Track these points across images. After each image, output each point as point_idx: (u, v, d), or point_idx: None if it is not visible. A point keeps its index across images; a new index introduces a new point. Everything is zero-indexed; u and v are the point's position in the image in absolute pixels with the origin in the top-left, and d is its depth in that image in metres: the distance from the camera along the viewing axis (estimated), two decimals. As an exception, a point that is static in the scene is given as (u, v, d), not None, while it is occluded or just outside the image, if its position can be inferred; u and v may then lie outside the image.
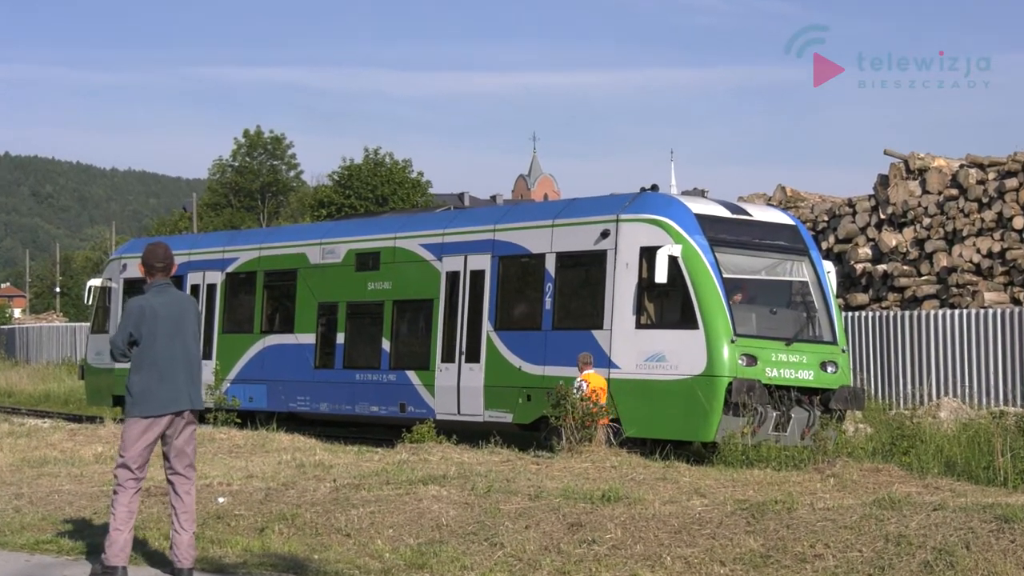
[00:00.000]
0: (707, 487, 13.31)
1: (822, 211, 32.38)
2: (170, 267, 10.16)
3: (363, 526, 11.86)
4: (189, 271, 28.60)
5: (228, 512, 12.56)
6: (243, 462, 16.65)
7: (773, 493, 12.47)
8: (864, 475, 13.81)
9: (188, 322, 10.07)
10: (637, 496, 12.42)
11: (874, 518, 10.88)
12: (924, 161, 30.61)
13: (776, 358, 19.48)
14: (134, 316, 9.91)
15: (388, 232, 25.03)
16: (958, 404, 24.03)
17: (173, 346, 9.93)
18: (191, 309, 10.17)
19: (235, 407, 25.04)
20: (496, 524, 11.60)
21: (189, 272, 28.61)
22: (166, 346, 9.89)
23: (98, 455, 17.76)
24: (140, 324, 9.88)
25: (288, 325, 26.71)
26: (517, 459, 16.63)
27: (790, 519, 11.11)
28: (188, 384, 9.98)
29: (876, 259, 30.71)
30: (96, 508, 13.08)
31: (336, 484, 13.85)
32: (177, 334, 9.96)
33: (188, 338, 10.03)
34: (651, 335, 20.01)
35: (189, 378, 9.99)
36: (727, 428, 18.57)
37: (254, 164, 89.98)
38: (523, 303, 22.44)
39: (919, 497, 11.92)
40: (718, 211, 20.72)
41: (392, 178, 75.25)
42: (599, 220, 21.05)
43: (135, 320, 9.90)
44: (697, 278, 19.50)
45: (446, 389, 22.95)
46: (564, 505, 12.12)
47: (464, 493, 12.92)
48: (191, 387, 10.00)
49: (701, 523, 11.29)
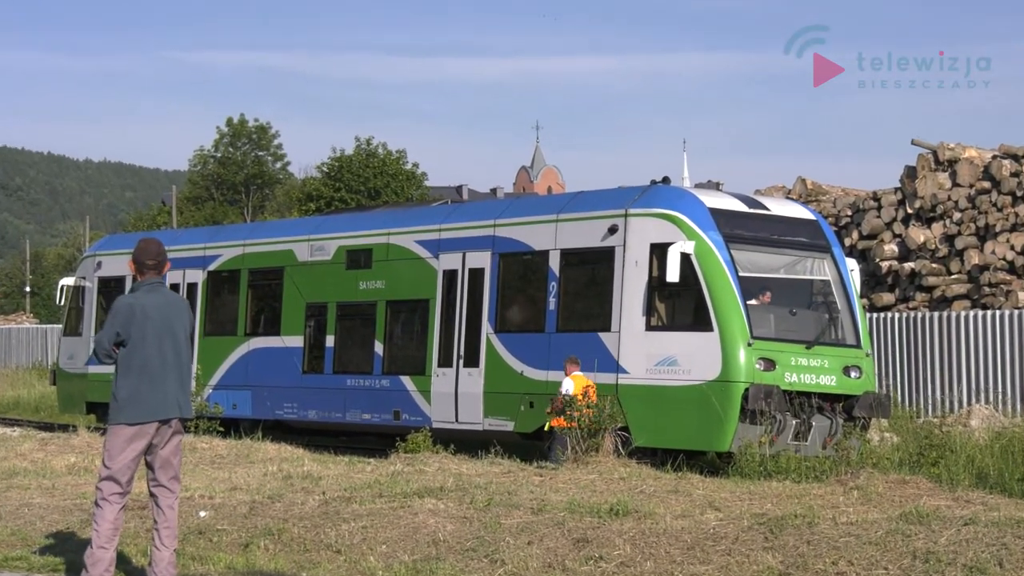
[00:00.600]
0: (722, 500, 13.33)
1: (845, 205, 32.39)
2: (162, 265, 10.18)
3: (354, 542, 11.88)
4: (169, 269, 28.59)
5: (210, 527, 12.58)
6: (226, 473, 16.67)
7: (793, 507, 12.49)
8: (890, 487, 13.82)
9: (181, 324, 10.07)
10: (647, 510, 12.44)
11: (901, 533, 10.89)
12: (954, 151, 30.61)
13: (796, 362, 19.49)
14: (122, 315, 9.90)
15: (381, 228, 25.06)
16: (990, 411, 24.05)
17: (164, 349, 9.92)
18: (184, 311, 10.19)
19: (218, 414, 25.03)
20: (496, 540, 11.61)
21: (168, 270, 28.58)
22: (156, 349, 9.89)
23: (71, 466, 17.78)
24: (129, 324, 9.87)
25: (274, 327, 26.74)
26: (519, 470, 16.65)
27: (811, 534, 11.13)
28: (178, 390, 9.99)
29: (903, 256, 30.73)
30: (69, 523, 13.10)
31: (325, 497, 13.87)
32: (168, 336, 9.96)
33: (180, 341, 10.04)
34: (662, 338, 20.03)
35: (179, 384, 10.01)
36: (743, 437, 18.59)
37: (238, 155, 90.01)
38: (525, 303, 22.46)
39: (949, 511, 11.93)
40: (734, 205, 20.73)
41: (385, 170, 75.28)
42: (607, 215, 21.06)
43: (123, 319, 9.89)
44: (711, 277, 19.51)
45: (443, 395, 22.97)
46: (569, 519, 12.13)
47: (462, 507, 12.94)
48: (181, 394, 10.02)
49: (716, 539, 11.30)
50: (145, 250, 10.12)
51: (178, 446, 10.07)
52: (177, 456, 10.06)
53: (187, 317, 10.18)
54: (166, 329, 9.96)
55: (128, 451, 9.84)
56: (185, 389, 10.09)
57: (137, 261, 10.11)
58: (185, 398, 10.08)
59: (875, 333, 27.30)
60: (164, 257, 10.21)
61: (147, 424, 9.84)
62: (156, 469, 9.98)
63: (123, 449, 9.84)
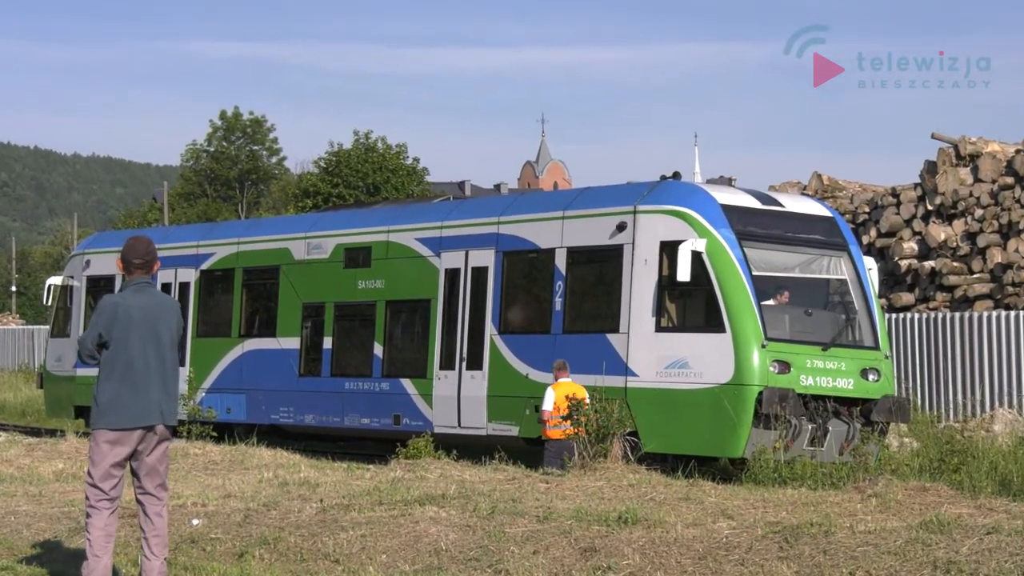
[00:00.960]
0: (735, 508, 13.33)
1: (863, 201, 32.38)
2: (151, 264, 10.17)
3: (353, 551, 11.88)
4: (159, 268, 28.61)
5: (203, 535, 12.58)
6: (220, 480, 16.68)
7: (808, 515, 12.49)
8: (910, 495, 13.82)
9: (167, 327, 10.05)
10: (657, 518, 12.44)
11: (921, 543, 10.89)
12: (976, 146, 30.59)
13: (812, 365, 19.49)
14: (106, 315, 9.90)
15: (380, 225, 25.07)
16: (1014, 416, 24.02)
17: (148, 353, 9.91)
18: (172, 313, 10.17)
19: (211, 419, 25.07)
20: (501, 549, 11.61)
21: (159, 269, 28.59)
22: (140, 352, 9.88)
23: (59, 472, 17.79)
24: (112, 325, 9.86)
25: (270, 328, 26.75)
26: (524, 477, 16.65)
27: (827, 544, 11.12)
28: (162, 397, 9.96)
29: (923, 255, 30.71)
30: (57, 531, 13.11)
31: (323, 505, 13.87)
32: (154, 340, 9.95)
33: (165, 345, 10.02)
34: (672, 339, 20.02)
35: (164, 390, 9.97)
36: (757, 442, 18.58)
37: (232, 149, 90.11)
38: (530, 304, 22.47)
39: (971, 519, 11.93)
40: (747, 201, 20.73)
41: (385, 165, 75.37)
42: (615, 211, 21.06)
43: (107, 320, 9.88)
44: (724, 276, 19.51)
45: (445, 399, 22.98)
46: (576, 528, 12.13)
47: (465, 515, 12.94)
48: (165, 400, 9.99)
49: (728, 548, 11.29)
50: (133, 248, 10.12)
51: (165, 453, 10.05)
52: (164, 463, 10.04)
53: (175, 319, 10.15)
54: (151, 332, 9.94)
55: (110, 457, 9.83)
56: (170, 394, 10.05)
57: (125, 260, 10.12)
58: (170, 404, 10.04)
59: (894, 334, 27.29)
60: (153, 256, 10.20)
61: (129, 431, 9.83)
62: (142, 476, 9.97)
63: (105, 455, 9.83)
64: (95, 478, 9.83)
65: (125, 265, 10.12)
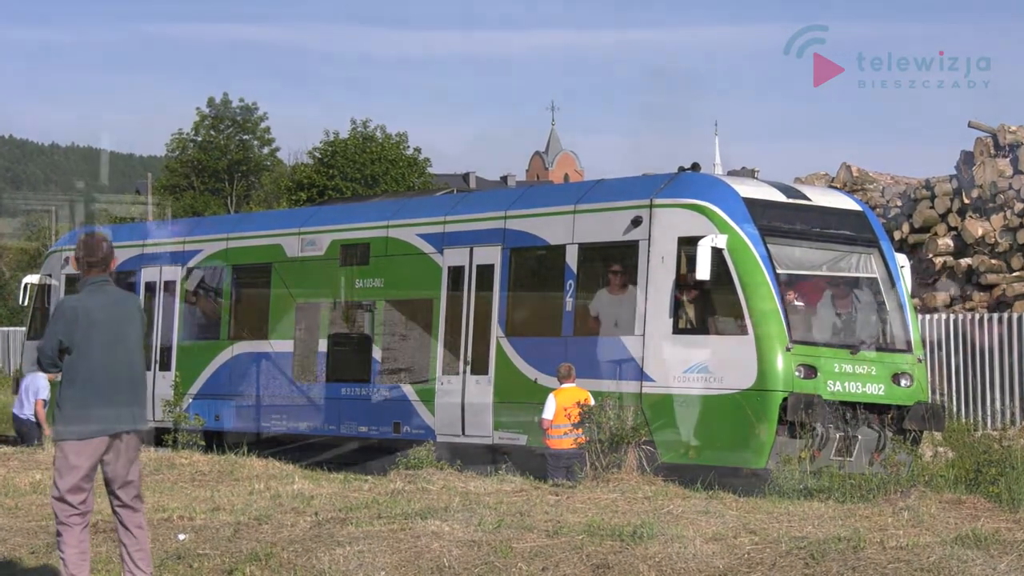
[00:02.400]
0: (758, 522, 13.34)
1: (895, 194, 32.38)
2: (108, 261, 10.09)
3: (350, 568, 11.90)
4: (143, 266, 28.69)
5: (190, 551, 12.61)
6: (208, 492, 16.70)
7: (836, 529, 12.50)
8: (944, 508, 13.83)
9: (131, 328, 10.04)
10: (675, 533, 12.45)
11: (956, 559, 10.90)
12: (1017, 135, 30.59)
13: (840, 369, 19.50)
14: (64, 319, 9.88)
15: (379, 220, 25.08)
16: (1056, 424, 24.03)
17: (113, 356, 9.90)
18: (135, 312, 10.15)
19: (198, 427, 25.11)
20: (507, 566, 11.64)
21: (143, 267, 28.70)
22: (104, 356, 9.87)
23: (36, 483, 17.82)
24: (72, 330, 9.84)
25: (261, 330, 26.77)
26: (532, 489, 16.67)
27: (856, 560, 11.14)
28: (131, 401, 9.97)
29: (959, 251, 30.71)
30: (34, 546, 13.13)
31: (318, 518, 13.90)
32: (118, 342, 9.94)
33: (131, 347, 10.01)
34: (691, 342, 20.04)
35: (132, 394, 9.98)
36: (782, 452, 18.59)
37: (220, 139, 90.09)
38: (539, 304, 22.48)
39: (1009, 534, 11.94)
40: (771, 195, 20.74)
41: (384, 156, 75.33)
42: (629, 205, 21.08)
43: (65, 324, 9.87)
44: (746, 274, 19.52)
45: (448, 406, 23.00)
46: (588, 543, 12.15)
47: (470, 529, 12.96)
48: (135, 404, 10.00)
49: (751, 565, 11.31)
50: (87, 245, 10.05)
51: (136, 461, 10.05)
52: (136, 472, 10.04)
53: (139, 318, 10.13)
54: (114, 333, 9.93)
55: (77, 469, 9.83)
56: (139, 398, 10.05)
57: (80, 258, 10.05)
58: (140, 409, 10.05)
59: (928, 337, 27.28)
60: (111, 253, 10.10)
61: (95, 440, 9.83)
62: (116, 488, 9.97)
63: (73, 467, 9.83)
64: (63, 491, 9.83)
65: (80, 263, 10.07)
